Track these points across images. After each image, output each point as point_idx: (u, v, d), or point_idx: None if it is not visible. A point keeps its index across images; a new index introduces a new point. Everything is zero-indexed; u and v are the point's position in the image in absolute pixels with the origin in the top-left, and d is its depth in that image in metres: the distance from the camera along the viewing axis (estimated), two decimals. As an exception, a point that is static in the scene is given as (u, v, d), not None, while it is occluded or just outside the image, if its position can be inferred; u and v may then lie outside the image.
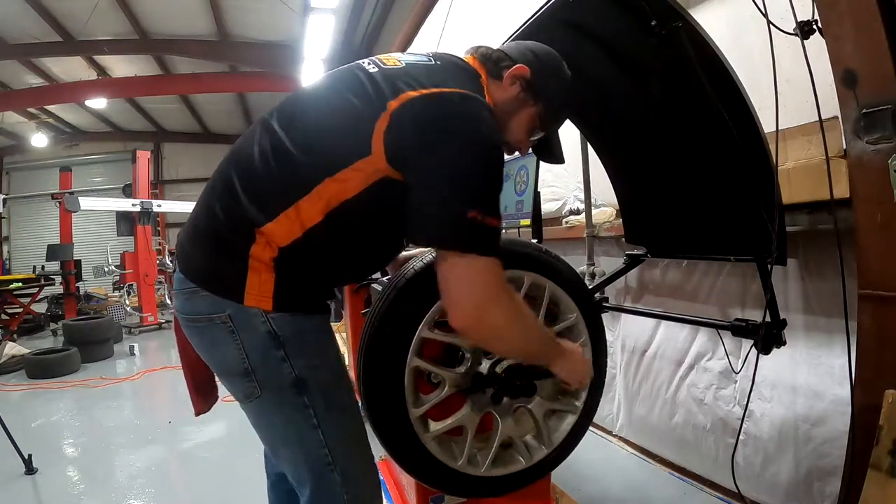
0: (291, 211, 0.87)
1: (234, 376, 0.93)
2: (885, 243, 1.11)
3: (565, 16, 1.27)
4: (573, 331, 1.29)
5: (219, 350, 0.93)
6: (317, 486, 0.96)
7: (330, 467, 0.95)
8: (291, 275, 0.90)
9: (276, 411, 0.95)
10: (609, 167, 1.73)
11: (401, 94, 0.85)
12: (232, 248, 0.88)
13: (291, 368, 0.91)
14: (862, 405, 1.15)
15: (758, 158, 1.15)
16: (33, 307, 7.21)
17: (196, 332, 0.95)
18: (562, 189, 2.88)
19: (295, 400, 0.92)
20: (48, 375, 4.44)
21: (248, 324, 0.89)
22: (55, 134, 11.42)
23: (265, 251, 0.87)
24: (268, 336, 0.89)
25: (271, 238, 0.87)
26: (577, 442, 1.34)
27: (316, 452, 0.94)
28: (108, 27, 6.98)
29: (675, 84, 1.23)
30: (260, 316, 0.89)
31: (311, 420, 0.93)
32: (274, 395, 0.93)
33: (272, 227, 0.87)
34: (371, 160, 0.85)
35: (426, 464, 1.18)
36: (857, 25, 1.11)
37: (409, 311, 1.11)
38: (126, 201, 7.03)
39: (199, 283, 0.91)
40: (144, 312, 6.89)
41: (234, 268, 0.88)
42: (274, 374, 0.91)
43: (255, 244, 0.87)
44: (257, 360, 0.90)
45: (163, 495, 2.27)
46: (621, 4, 1.16)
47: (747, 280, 1.81)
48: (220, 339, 0.91)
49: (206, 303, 0.90)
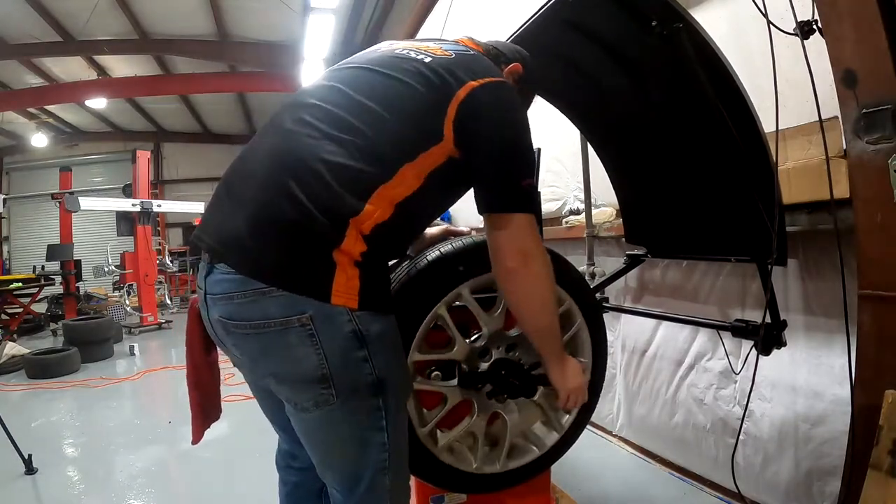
0: (376, 198, 0.87)
1: (308, 383, 0.86)
2: (885, 243, 1.11)
3: (565, 16, 1.27)
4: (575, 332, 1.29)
5: (291, 356, 0.85)
6: (366, 492, 0.93)
7: (384, 472, 0.93)
8: (373, 268, 0.89)
9: (345, 417, 0.89)
10: (609, 167, 1.73)
11: (464, 83, 0.93)
12: (321, 241, 0.83)
13: (372, 368, 0.88)
14: (862, 405, 1.15)
15: (758, 158, 1.15)
16: (33, 307, 7.21)
17: (259, 339, 0.86)
18: (562, 189, 2.88)
19: (369, 402, 0.90)
20: (48, 375, 4.43)
21: (331, 324, 0.84)
22: (55, 134, 11.43)
23: (356, 245, 0.85)
24: (352, 336, 0.85)
25: (361, 227, 0.85)
26: (585, 423, 1.35)
27: (376, 456, 0.92)
28: (108, 27, 6.98)
29: (676, 84, 1.23)
30: (345, 314, 0.84)
31: (381, 422, 0.91)
32: (348, 398, 0.88)
33: (363, 215, 0.85)
34: (443, 145, 0.92)
35: (444, 474, 1.21)
36: (857, 25, 1.11)
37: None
38: (126, 201, 7.03)
39: (275, 283, 0.83)
40: (144, 312, 6.89)
41: (322, 264, 0.83)
42: (353, 377, 0.87)
43: (346, 237, 0.84)
44: (337, 363, 0.85)
45: (163, 495, 2.26)
46: (622, 5, 1.16)
47: (747, 280, 1.81)
48: (295, 343, 0.84)
49: (279, 304, 0.83)
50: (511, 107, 0.97)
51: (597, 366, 1.32)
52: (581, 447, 1.36)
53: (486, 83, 0.94)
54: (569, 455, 1.36)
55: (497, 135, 0.94)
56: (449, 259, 1.14)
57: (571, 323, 1.28)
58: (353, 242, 0.84)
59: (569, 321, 1.28)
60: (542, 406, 1.28)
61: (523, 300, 1.00)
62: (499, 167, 0.94)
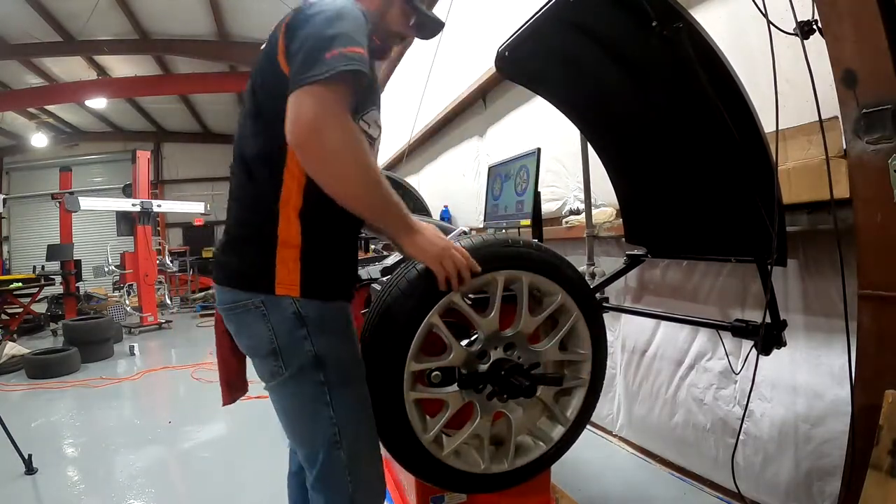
0: (286, 168, 0.97)
1: (264, 357, 1.01)
2: (885, 243, 1.11)
3: (566, 16, 1.27)
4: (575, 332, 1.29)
5: (252, 333, 1.01)
6: (322, 465, 1.01)
7: (337, 446, 1.00)
8: (315, 258, 1.00)
9: (295, 389, 1.01)
10: (609, 167, 1.73)
11: (288, 17, 0.97)
12: (259, 238, 0.99)
13: (312, 346, 0.99)
14: (862, 405, 1.15)
15: (758, 158, 1.15)
16: (33, 307, 7.21)
17: (233, 318, 1.04)
18: (562, 189, 2.88)
19: (312, 376, 0.99)
20: (48, 375, 4.43)
21: (278, 307, 0.99)
22: (55, 134, 11.43)
23: (291, 227, 0.98)
24: (294, 317, 0.98)
25: (289, 205, 0.98)
26: (590, 414, 1.35)
27: (326, 430, 1.00)
28: (108, 27, 6.99)
29: (676, 84, 1.23)
30: (289, 300, 0.99)
31: (325, 397, 0.99)
32: (295, 372, 0.99)
33: (285, 191, 0.98)
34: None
35: (452, 477, 1.21)
36: (857, 25, 1.11)
37: (389, 357, 1.11)
38: (126, 201, 7.03)
39: (236, 287, 1.01)
40: (144, 312, 6.89)
41: (266, 263, 0.98)
42: (297, 353, 0.99)
43: (279, 222, 0.98)
44: (284, 339, 0.99)
45: (163, 495, 2.26)
46: (622, 5, 1.16)
47: (747, 280, 1.81)
48: (252, 322, 1.00)
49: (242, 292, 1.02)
50: (323, 6, 0.93)
51: (597, 365, 1.32)
52: (581, 447, 1.36)
53: (297, 13, 0.96)
54: (569, 455, 1.36)
55: (307, 24, 0.92)
56: None
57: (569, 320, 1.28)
58: (288, 225, 0.98)
59: (568, 319, 1.28)
60: (544, 401, 1.28)
61: (332, 183, 0.91)
62: (301, 44, 0.90)
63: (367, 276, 1.74)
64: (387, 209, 0.98)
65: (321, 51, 0.87)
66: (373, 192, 0.94)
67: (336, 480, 1.01)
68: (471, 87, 3.75)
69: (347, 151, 0.89)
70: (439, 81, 4.42)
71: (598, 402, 1.36)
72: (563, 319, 1.27)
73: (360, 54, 0.89)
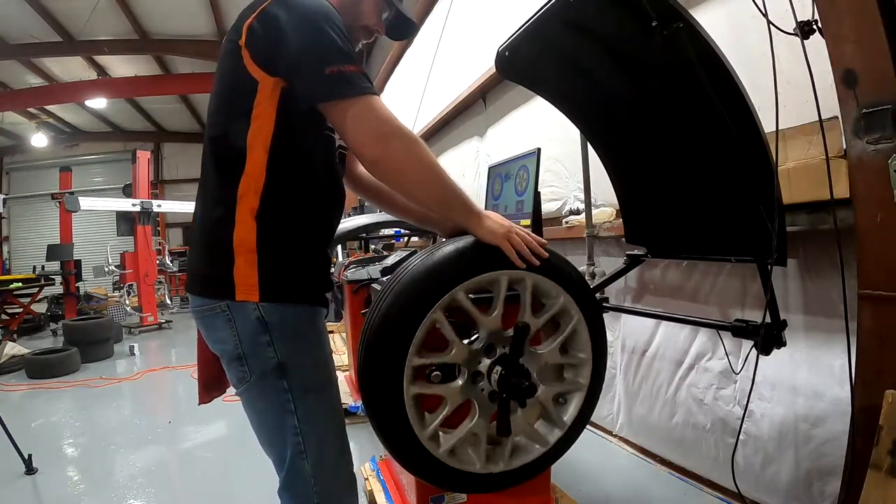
0: (249, 153, 0.95)
1: (232, 361, 1.00)
2: (885, 243, 1.11)
3: (566, 16, 1.27)
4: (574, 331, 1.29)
5: (219, 336, 1.01)
6: (287, 474, 1.01)
7: (301, 455, 0.99)
8: (274, 261, 0.97)
9: (260, 395, 1.01)
10: (609, 167, 1.73)
11: (252, 13, 0.94)
12: (218, 242, 0.97)
13: (275, 353, 0.97)
14: (862, 405, 1.15)
15: (758, 158, 1.15)
16: (33, 307, 7.22)
17: (203, 321, 1.04)
18: (562, 189, 2.88)
19: (275, 384, 0.98)
20: (48, 375, 4.44)
21: (241, 311, 0.97)
22: (55, 134, 11.43)
23: (246, 224, 0.95)
24: (257, 322, 0.97)
25: (245, 207, 0.95)
26: (587, 418, 1.34)
27: (290, 439, 0.99)
28: (108, 27, 6.99)
29: (676, 84, 1.23)
30: (251, 305, 0.97)
31: (289, 405, 0.98)
32: (260, 379, 0.98)
33: (241, 192, 0.95)
34: (263, 85, 0.93)
35: (449, 476, 1.21)
36: (857, 25, 1.11)
37: (390, 354, 1.10)
38: (126, 201, 7.04)
39: (201, 294, 1.01)
40: (144, 312, 6.89)
41: (225, 266, 0.97)
42: (260, 358, 0.98)
43: (236, 225, 0.95)
44: (248, 345, 0.98)
45: (163, 495, 2.27)
46: (622, 5, 1.16)
47: (747, 280, 1.81)
48: (220, 326, 0.99)
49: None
50: (299, 6, 0.93)
51: (597, 365, 1.32)
52: (581, 447, 1.36)
53: (261, 11, 0.93)
54: (569, 455, 1.35)
55: (287, 39, 0.91)
56: (442, 263, 1.12)
57: (569, 320, 1.28)
58: (244, 227, 0.95)
59: (567, 319, 1.27)
60: (542, 403, 1.28)
61: (406, 185, 0.98)
62: (297, 65, 0.91)
63: (368, 276, 1.74)
64: (456, 199, 1.02)
65: (325, 64, 0.90)
66: (439, 187, 1.00)
67: (301, 489, 1.01)
68: (471, 88, 3.75)
69: (415, 151, 0.96)
70: (439, 81, 4.43)
71: (596, 404, 1.36)
72: (564, 321, 1.27)
73: (359, 72, 0.93)
